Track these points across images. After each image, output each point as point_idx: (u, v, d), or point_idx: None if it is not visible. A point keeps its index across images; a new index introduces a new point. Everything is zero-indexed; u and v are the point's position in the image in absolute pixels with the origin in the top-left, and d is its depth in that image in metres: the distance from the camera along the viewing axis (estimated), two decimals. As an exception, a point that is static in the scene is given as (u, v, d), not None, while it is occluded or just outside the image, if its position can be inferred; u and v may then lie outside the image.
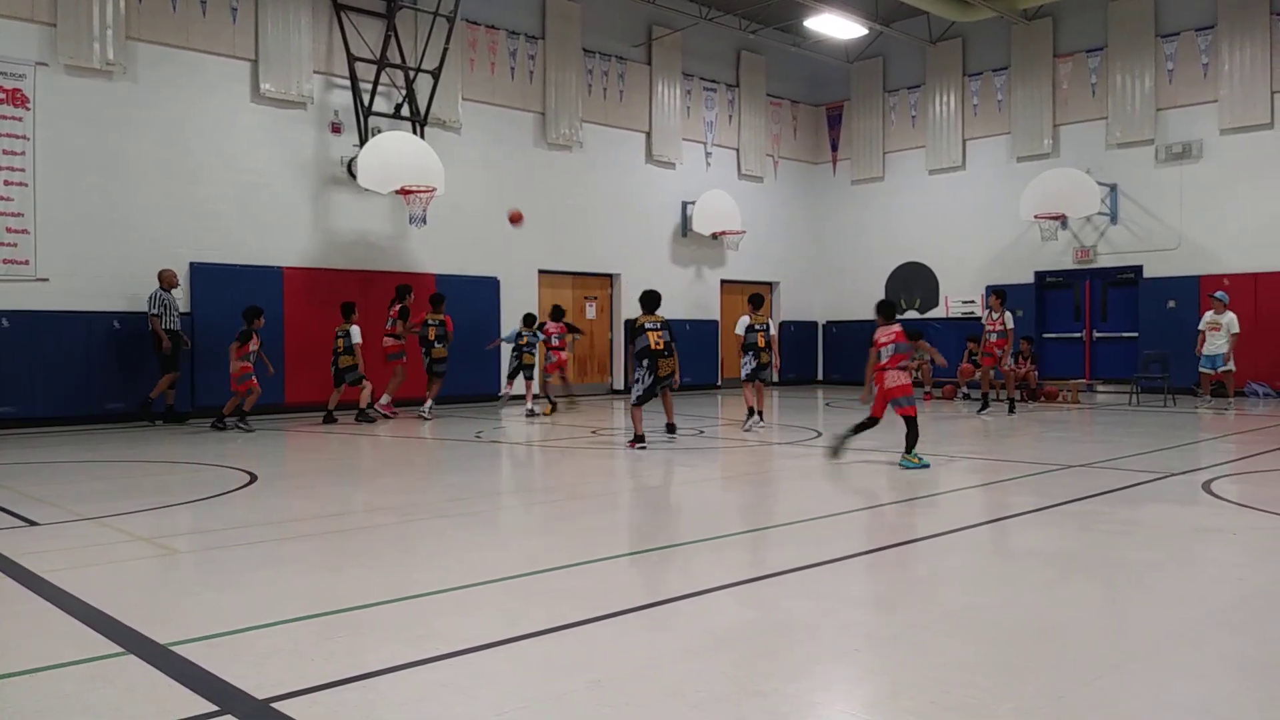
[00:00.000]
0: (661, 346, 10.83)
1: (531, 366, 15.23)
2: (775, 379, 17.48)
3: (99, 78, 13.60)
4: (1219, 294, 15.89)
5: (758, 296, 13.20)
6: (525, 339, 15.16)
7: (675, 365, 11.03)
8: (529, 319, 15.43)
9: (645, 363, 10.83)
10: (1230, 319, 15.47)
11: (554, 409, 15.56)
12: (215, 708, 3.11)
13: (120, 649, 3.70)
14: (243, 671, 3.41)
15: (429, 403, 14.52)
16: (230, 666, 3.46)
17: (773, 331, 13.18)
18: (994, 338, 14.95)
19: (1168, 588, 4.70)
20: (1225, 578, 4.86)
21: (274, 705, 3.12)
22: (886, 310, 9.63)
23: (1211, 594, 4.54)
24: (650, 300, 11.18)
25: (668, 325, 11.07)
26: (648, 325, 10.92)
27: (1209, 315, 15.66)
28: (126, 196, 13.82)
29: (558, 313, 16.19)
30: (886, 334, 9.33)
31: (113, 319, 13.58)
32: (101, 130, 13.64)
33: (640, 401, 10.90)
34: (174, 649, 3.67)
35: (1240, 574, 4.95)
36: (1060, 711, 3.05)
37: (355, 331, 13.95)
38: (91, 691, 3.28)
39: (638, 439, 10.72)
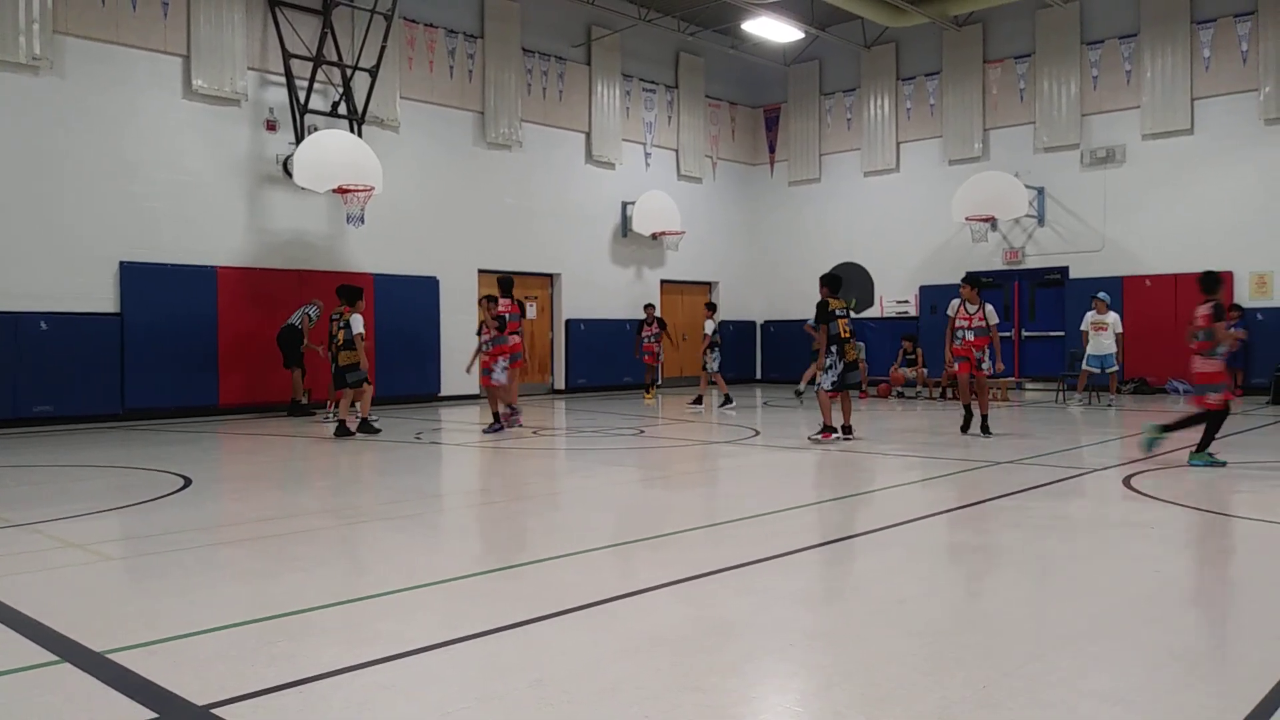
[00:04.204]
0: (849, 335, 10.83)
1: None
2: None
3: (25, 72, 13.24)
4: (1101, 294, 16.32)
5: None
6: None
7: (860, 354, 11.18)
8: (711, 305, 16.92)
9: (835, 349, 10.75)
10: (1114, 319, 15.81)
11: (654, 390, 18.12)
12: (154, 714, 3.10)
13: (55, 657, 3.66)
14: (183, 678, 3.40)
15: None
16: (170, 673, 3.45)
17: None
18: (970, 336, 11.50)
19: (1088, 580, 4.89)
20: (1142, 570, 5.07)
21: (214, 711, 3.11)
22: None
23: (1129, 586, 4.74)
24: (836, 282, 10.96)
25: (850, 308, 11.17)
26: (838, 311, 10.81)
27: (1091, 315, 15.98)
28: (54, 194, 13.48)
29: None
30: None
31: (40, 320, 13.24)
32: (28, 126, 13.28)
33: (835, 389, 10.78)
34: (111, 656, 3.64)
35: (1156, 566, 5.17)
36: (984, 699, 3.19)
37: (357, 320, 11.75)
38: (27, 700, 3.25)
39: (827, 429, 10.71)
